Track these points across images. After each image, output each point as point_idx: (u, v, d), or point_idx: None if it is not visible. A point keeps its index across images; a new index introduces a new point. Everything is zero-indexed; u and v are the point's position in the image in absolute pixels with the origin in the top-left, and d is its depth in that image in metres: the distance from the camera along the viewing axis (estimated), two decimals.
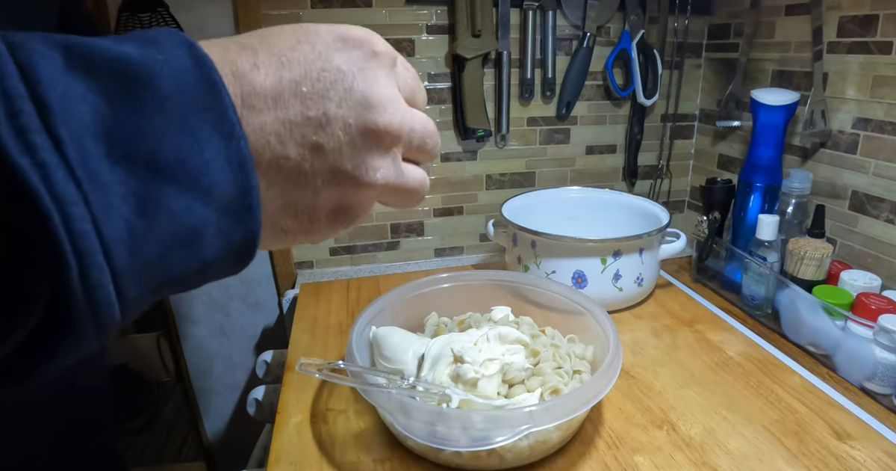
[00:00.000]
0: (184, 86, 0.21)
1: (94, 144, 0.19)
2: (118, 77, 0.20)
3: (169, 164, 0.20)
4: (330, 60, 0.24)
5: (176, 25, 0.79)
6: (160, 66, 0.20)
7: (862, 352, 0.63)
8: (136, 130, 0.20)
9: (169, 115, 0.20)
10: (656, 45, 1.00)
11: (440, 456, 0.52)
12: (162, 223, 0.20)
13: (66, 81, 0.19)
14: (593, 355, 0.61)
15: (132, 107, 0.20)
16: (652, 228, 0.80)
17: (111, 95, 0.19)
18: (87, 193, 0.18)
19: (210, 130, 0.21)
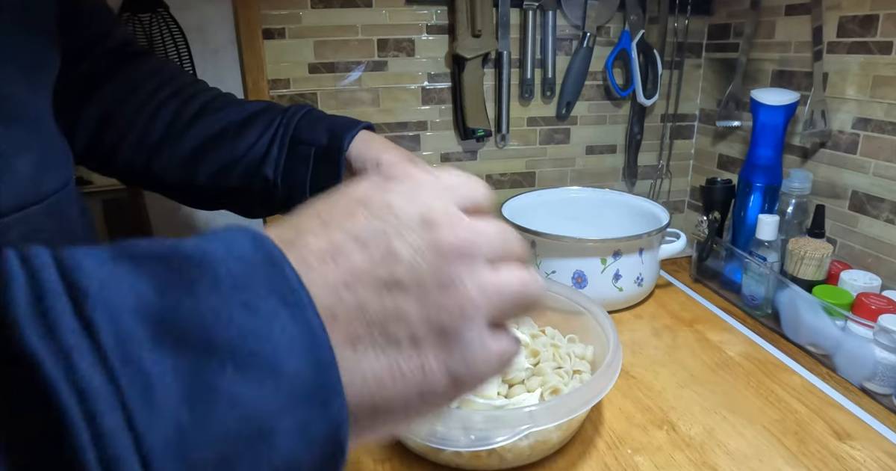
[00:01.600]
0: (240, 262, 0.19)
1: (134, 327, 0.16)
2: (166, 262, 0.18)
3: (226, 342, 0.17)
4: (370, 201, 0.23)
5: (176, 26, 0.79)
6: (213, 248, 0.19)
7: (862, 352, 0.63)
8: (188, 309, 0.17)
9: (225, 292, 0.18)
10: (656, 45, 1.00)
11: (440, 456, 0.52)
12: (219, 417, 0.16)
13: (111, 269, 0.17)
14: (593, 355, 0.61)
15: (183, 287, 0.17)
16: (652, 228, 0.80)
17: (158, 278, 0.17)
18: (121, 384, 0.15)
19: (273, 303, 0.18)
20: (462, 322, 0.22)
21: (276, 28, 0.88)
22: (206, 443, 0.16)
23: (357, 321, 0.20)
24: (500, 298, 0.23)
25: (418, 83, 0.96)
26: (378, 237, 0.22)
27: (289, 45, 0.89)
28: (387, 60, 0.93)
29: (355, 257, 0.21)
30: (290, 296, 0.19)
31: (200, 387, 0.16)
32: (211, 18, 0.86)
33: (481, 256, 0.23)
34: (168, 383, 0.16)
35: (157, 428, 0.15)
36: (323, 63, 0.91)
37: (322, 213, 0.22)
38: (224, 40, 0.87)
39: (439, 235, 0.22)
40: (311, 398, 0.18)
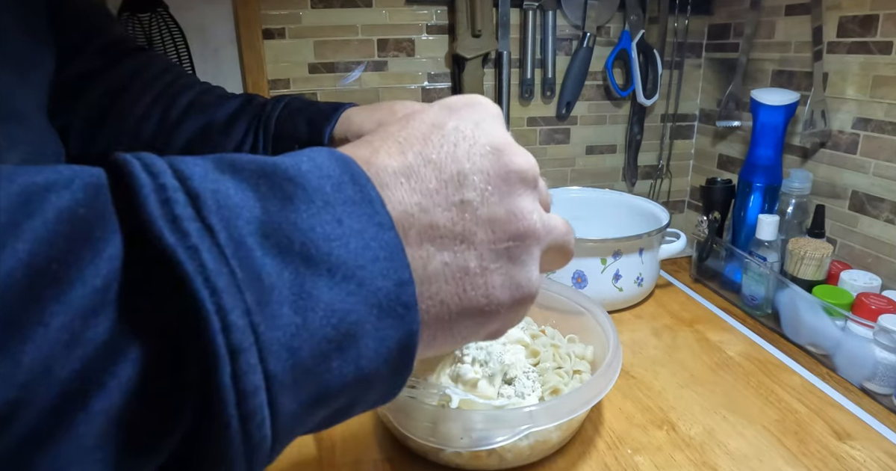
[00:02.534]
0: (330, 180, 0.20)
1: (246, 234, 0.18)
2: (265, 176, 0.19)
3: (322, 254, 0.19)
4: (443, 125, 0.24)
5: (176, 26, 0.79)
6: (304, 165, 0.20)
7: (862, 352, 0.63)
8: (287, 221, 0.19)
9: (318, 207, 0.19)
10: (656, 45, 1.00)
11: (440, 456, 0.52)
12: (317, 320, 0.18)
13: (217, 179, 0.18)
14: (593, 355, 0.61)
15: (282, 201, 0.19)
16: (652, 228, 0.80)
17: (260, 191, 0.19)
18: (241, 283, 0.17)
19: (360, 221, 0.20)
20: (525, 247, 0.24)
21: (276, 28, 0.88)
22: (307, 341, 0.18)
23: (428, 242, 0.22)
24: (552, 236, 0.26)
25: (418, 83, 0.96)
26: (450, 161, 0.23)
27: (289, 45, 0.89)
28: (387, 60, 0.93)
29: (429, 179, 0.22)
30: (375, 216, 0.20)
31: (302, 293, 0.18)
32: (211, 18, 0.86)
33: (537, 188, 0.25)
34: (278, 287, 0.18)
35: (270, 325, 0.17)
36: (323, 63, 0.91)
37: (398, 135, 0.23)
38: (224, 40, 0.87)
39: (506, 159, 0.24)
40: (391, 312, 0.20)
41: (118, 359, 0.16)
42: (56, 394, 0.15)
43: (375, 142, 0.23)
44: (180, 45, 0.80)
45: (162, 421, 0.17)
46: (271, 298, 0.17)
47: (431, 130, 0.24)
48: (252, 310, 0.17)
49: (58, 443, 0.15)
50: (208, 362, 0.16)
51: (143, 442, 0.17)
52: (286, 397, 0.18)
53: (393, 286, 0.20)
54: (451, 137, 0.23)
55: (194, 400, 0.17)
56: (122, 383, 0.16)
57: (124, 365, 0.16)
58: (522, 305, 0.24)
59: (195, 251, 0.16)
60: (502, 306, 0.23)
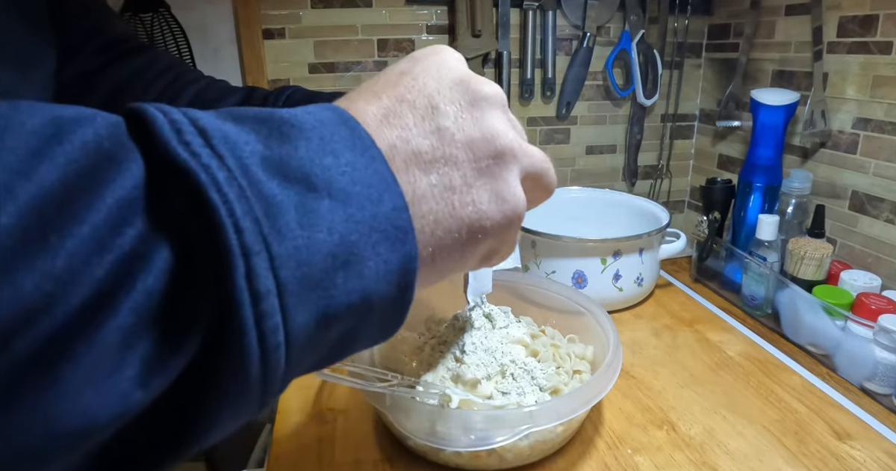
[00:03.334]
0: (324, 122, 0.22)
1: (251, 162, 0.19)
2: (265, 122, 0.21)
3: (322, 180, 0.21)
4: (411, 71, 0.26)
5: (177, 26, 0.79)
6: (300, 112, 0.22)
7: (862, 352, 0.63)
8: (288, 154, 0.21)
9: (315, 143, 0.21)
10: (656, 45, 1.00)
11: (440, 456, 0.52)
12: (322, 237, 0.20)
13: (222, 123, 0.20)
14: (593, 355, 0.61)
15: (281, 139, 0.21)
16: (652, 228, 0.80)
17: (261, 133, 0.21)
18: (250, 197, 0.18)
19: (353, 154, 0.22)
20: (504, 164, 0.26)
21: (276, 28, 0.88)
22: (313, 254, 0.20)
23: (414, 167, 0.24)
24: (529, 159, 0.27)
25: None
26: (421, 97, 0.25)
27: (289, 45, 0.89)
28: (387, 60, 0.93)
29: (405, 115, 0.25)
30: (367, 150, 0.22)
31: (306, 212, 0.20)
32: (211, 18, 0.86)
33: (509, 119, 0.27)
34: (284, 206, 0.19)
35: (280, 239, 0.19)
36: (323, 63, 0.91)
37: (372, 86, 0.26)
38: (224, 40, 0.87)
39: (473, 88, 0.26)
40: (389, 235, 0.22)
41: (144, 264, 0.17)
42: (88, 292, 0.16)
43: (353, 94, 0.26)
44: (182, 45, 0.80)
45: (184, 324, 0.18)
46: (278, 213, 0.19)
47: (401, 77, 0.26)
48: (261, 221, 0.18)
49: (87, 341, 0.16)
50: (224, 262, 0.18)
51: (166, 344, 0.18)
52: (297, 307, 0.19)
53: (389, 211, 0.22)
54: (420, 78, 0.26)
55: (212, 305, 0.18)
56: (148, 286, 0.17)
57: (150, 269, 0.17)
58: (511, 220, 0.26)
59: (207, 168, 0.18)
60: (492, 220, 0.25)
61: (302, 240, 0.19)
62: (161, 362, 0.18)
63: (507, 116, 0.27)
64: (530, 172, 0.27)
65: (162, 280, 0.17)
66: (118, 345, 0.17)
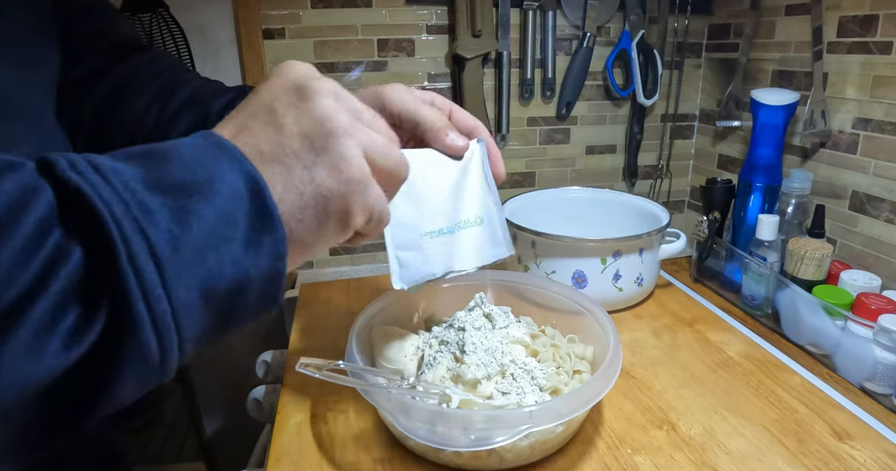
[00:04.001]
0: (196, 147, 0.28)
1: (132, 182, 0.25)
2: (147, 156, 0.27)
3: (193, 184, 0.26)
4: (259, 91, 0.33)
5: (176, 26, 0.79)
6: (176, 143, 0.28)
7: (862, 352, 0.63)
8: (164, 172, 0.26)
9: (189, 162, 0.27)
10: (656, 45, 1.00)
11: (440, 456, 0.52)
12: (194, 226, 0.26)
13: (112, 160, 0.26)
14: (593, 355, 0.61)
15: (160, 164, 0.27)
16: (652, 228, 0.80)
17: (144, 164, 0.26)
18: (129, 204, 0.24)
19: (223, 163, 0.28)
20: (336, 139, 0.30)
21: (276, 28, 0.88)
22: (189, 244, 0.25)
23: (260, 164, 0.29)
24: (367, 137, 0.32)
25: (418, 83, 0.96)
26: (261, 106, 0.31)
27: (289, 45, 0.89)
28: (387, 60, 0.93)
29: (251, 125, 0.31)
30: (234, 159, 0.28)
31: (181, 211, 0.25)
32: (211, 18, 0.86)
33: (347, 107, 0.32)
34: (158, 208, 0.25)
35: (158, 233, 0.24)
36: (323, 63, 0.91)
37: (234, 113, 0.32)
38: (224, 40, 0.87)
39: (303, 86, 0.31)
40: (256, 217, 0.28)
41: (63, 259, 0.23)
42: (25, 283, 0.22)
43: (223, 120, 0.32)
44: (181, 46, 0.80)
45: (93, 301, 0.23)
46: (154, 212, 0.25)
47: (251, 96, 0.32)
48: (139, 219, 0.24)
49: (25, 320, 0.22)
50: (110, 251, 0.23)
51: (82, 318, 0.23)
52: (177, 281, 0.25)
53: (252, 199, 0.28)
54: (261, 94, 0.32)
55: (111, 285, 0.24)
56: (67, 274, 0.23)
57: (67, 263, 0.23)
58: (349, 184, 0.31)
59: (94, 186, 0.24)
60: (330, 188, 0.30)
61: (175, 229, 0.25)
62: (78, 332, 0.23)
63: (340, 103, 0.31)
64: (368, 147, 0.32)
65: (76, 270, 0.23)
66: (47, 322, 0.22)
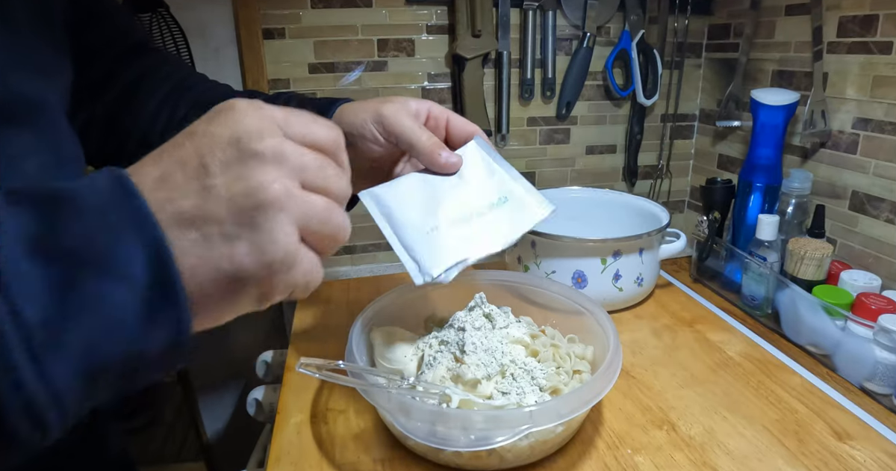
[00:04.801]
0: (100, 194, 0.25)
1: (13, 247, 0.22)
2: (44, 201, 0.24)
3: (88, 255, 0.23)
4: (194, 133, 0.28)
5: (176, 26, 0.79)
6: (82, 187, 0.25)
7: (862, 352, 0.63)
8: (58, 233, 0.23)
9: (88, 219, 0.24)
10: (656, 45, 1.00)
11: (440, 456, 0.52)
12: (82, 306, 0.22)
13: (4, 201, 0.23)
14: (593, 355, 0.61)
15: (56, 218, 0.23)
16: (652, 228, 0.80)
17: (38, 213, 0.23)
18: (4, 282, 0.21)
19: (124, 222, 0.24)
20: (266, 215, 0.27)
21: (276, 28, 0.88)
22: (72, 323, 0.22)
23: (175, 226, 0.26)
24: (304, 208, 0.28)
25: (418, 83, 0.96)
26: (194, 157, 0.27)
27: (289, 45, 0.89)
28: (387, 60, 0.93)
29: (176, 177, 0.26)
30: (142, 221, 0.25)
31: (66, 285, 0.22)
32: (211, 18, 0.86)
33: (290, 169, 0.28)
34: (40, 282, 0.22)
35: (33, 310, 0.21)
36: (323, 63, 0.91)
37: (164, 146, 0.28)
38: (224, 40, 0.87)
39: (244, 145, 0.27)
40: (155, 287, 0.24)
41: None
42: None
43: (147, 157, 0.28)
44: (181, 46, 0.80)
45: None
46: (31, 288, 0.22)
47: (183, 139, 0.28)
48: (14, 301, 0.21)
49: None
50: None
51: None
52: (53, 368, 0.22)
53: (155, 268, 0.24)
54: (198, 139, 0.27)
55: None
56: None
57: None
58: (274, 268, 0.27)
59: None
60: (248, 271, 0.27)
61: (55, 308, 0.22)
62: None
63: (282, 168, 0.27)
64: (305, 217, 0.28)
65: None
66: None
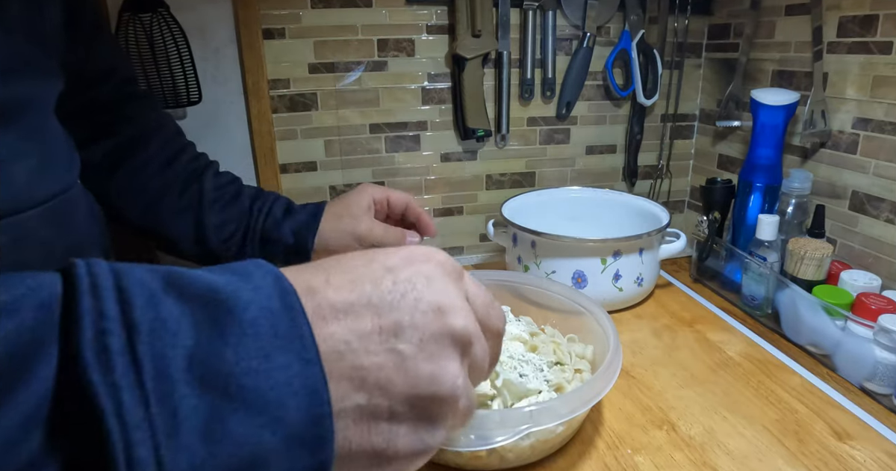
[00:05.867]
0: (265, 312, 0.21)
1: (173, 367, 0.19)
2: (207, 305, 0.21)
3: (243, 388, 0.20)
4: (398, 272, 0.25)
5: (176, 26, 0.79)
6: (248, 295, 0.21)
7: (862, 352, 0.63)
8: (217, 354, 0.20)
9: (250, 341, 0.21)
10: (656, 45, 1.00)
11: (440, 456, 0.52)
12: (226, 450, 0.20)
13: (160, 302, 0.20)
14: (593, 355, 0.61)
15: (216, 332, 0.20)
16: (652, 228, 0.80)
17: (198, 321, 0.20)
18: (154, 417, 0.18)
19: (287, 356, 0.21)
20: (439, 408, 0.24)
21: (276, 28, 0.88)
22: (215, 467, 0.19)
23: (347, 381, 0.23)
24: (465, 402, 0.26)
25: (418, 83, 0.96)
26: (392, 309, 0.24)
27: (289, 45, 0.89)
28: (387, 60, 0.93)
29: (366, 322, 0.23)
30: (303, 352, 0.21)
31: (216, 425, 0.19)
32: (211, 18, 0.86)
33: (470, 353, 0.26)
34: (191, 421, 0.19)
35: (179, 459, 0.18)
36: (323, 63, 0.91)
37: (353, 272, 0.25)
38: (224, 40, 0.87)
39: (447, 321, 0.25)
40: (304, 443, 0.21)
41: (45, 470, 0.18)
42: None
43: (330, 272, 0.25)
44: (181, 45, 0.80)
45: None
46: (181, 429, 0.19)
47: (385, 275, 0.25)
48: (161, 442, 0.18)
49: None
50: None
51: None
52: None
53: (310, 422, 0.21)
54: (402, 286, 0.25)
55: None
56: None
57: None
58: (420, 458, 0.25)
59: (116, 388, 0.18)
60: (400, 455, 0.24)
61: (201, 457, 0.19)
62: None
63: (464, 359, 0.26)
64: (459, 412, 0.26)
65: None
66: None
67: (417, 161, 1.00)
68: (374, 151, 0.98)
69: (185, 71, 0.81)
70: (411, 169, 1.00)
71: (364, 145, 0.97)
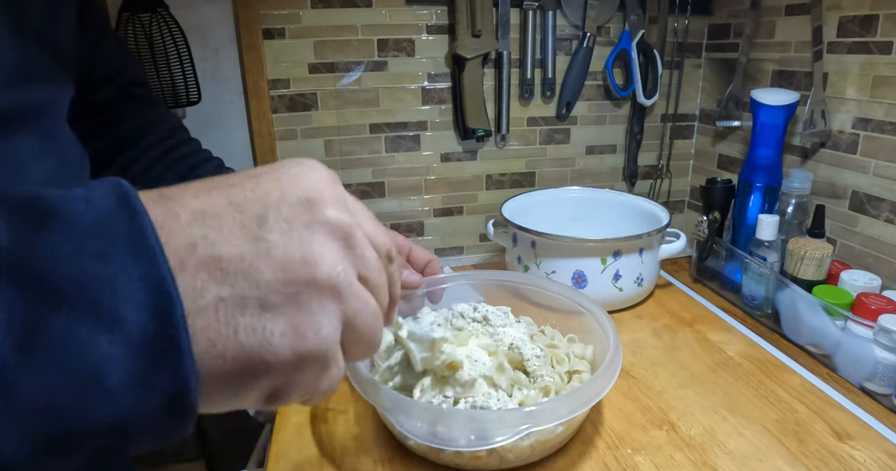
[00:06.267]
0: (98, 214, 0.19)
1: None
2: (28, 207, 0.19)
3: (65, 288, 0.18)
4: (261, 175, 0.23)
5: (176, 26, 0.79)
6: (76, 198, 0.20)
7: (862, 352, 0.63)
8: (35, 253, 0.18)
9: (76, 240, 0.19)
10: (656, 45, 1.00)
11: (440, 456, 0.52)
12: (49, 353, 0.17)
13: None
14: (593, 355, 0.61)
15: (34, 232, 0.18)
16: (652, 228, 0.80)
17: (12, 223, 0.18)
18: None
19: (120, 250, 0.19)
20: (317, 296, 0.22)
21: (276, 28, 0.88)
22: (31, 380, 0.17)
23: (206, 274, 0.20)
24: (356, 305, 0.23)
25: (418, 83, 0.96)
26: (255, 205, 0.22)
27: (289, 45, 0.89)
28: (387, 60, 0.93)
29: (224, 217, 0.21)
30: (141, 244, 0.19)
31: (35, 331, 0.17)
32: (211, 18, 0.86)
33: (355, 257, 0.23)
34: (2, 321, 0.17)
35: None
36: (323, 63, 0.91)
37: (213, 180, 0.23)
38: (224, 40, 0.87)
39: (318, 209, 0.23)
40: (155, 349, 0.19)
41: None
42: None
43: (190, 185, 0.23)
44: (181, 45, 0.80)
45: None
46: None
47: (246, 179, 0.23)
48: None
49: None
50: None
51: None
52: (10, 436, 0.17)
53: (154, 323, 0.19)
54: (265, 185, 0.23)
55: None
56: None
57: None
58: (304, 360, 0.22)
59: None
60: (277, 355, 0.21)
61: (15, 364, 0.17)
62: None
63: (348, 252, 0.23)
64: (352, 318, 0.23)
65: None
66: None
67: (417, 161, 1.00)
68: (374, 151, 0.98)
69: (185, 71, 0.81)
70: (411, 169, 1.00)
71: (364, 145, 0.97)
